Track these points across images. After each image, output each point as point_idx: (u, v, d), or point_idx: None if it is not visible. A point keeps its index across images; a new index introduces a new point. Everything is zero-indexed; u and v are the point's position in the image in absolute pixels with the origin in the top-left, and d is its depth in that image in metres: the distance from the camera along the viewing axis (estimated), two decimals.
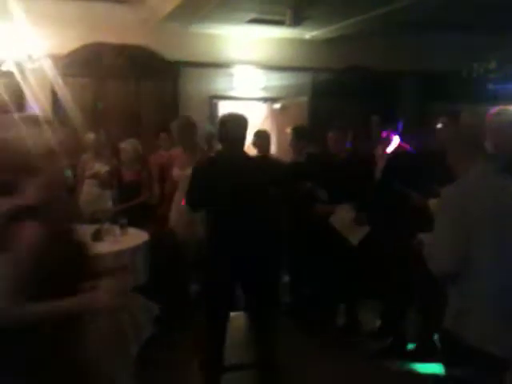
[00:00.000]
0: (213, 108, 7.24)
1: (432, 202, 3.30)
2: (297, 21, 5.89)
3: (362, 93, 7.13)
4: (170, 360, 3.83)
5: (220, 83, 7.13)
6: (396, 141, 4.13)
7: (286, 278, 5.03)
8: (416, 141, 4.18)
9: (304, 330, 4.51)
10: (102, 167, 5.58)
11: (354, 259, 4.26)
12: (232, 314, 3.51)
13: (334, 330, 4.54)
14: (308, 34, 7.01)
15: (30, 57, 5.39)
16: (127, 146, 5.42)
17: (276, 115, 7.55)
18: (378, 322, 4.46)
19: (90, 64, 6.47)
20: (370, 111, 4.27)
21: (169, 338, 4.06)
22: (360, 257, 4.23)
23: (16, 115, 1.80)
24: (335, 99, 7.15)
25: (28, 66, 5.55)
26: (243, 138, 3.42)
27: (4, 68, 5.42)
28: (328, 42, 7.16)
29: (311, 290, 4.78)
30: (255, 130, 5.36)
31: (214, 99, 7.22)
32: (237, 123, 3.40)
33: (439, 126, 3.90)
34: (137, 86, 6.75)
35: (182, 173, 4.56)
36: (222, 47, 7.04)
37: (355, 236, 4.21)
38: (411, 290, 4.01)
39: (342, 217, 4.24)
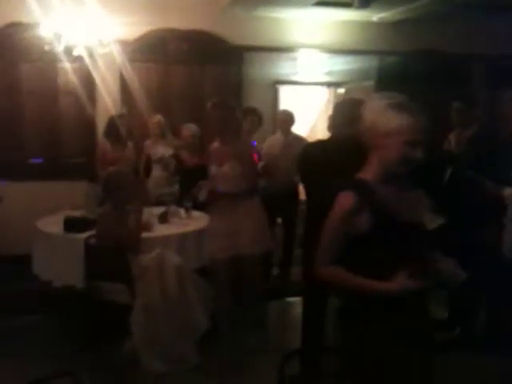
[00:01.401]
0: (276, 93, 7.21)
1: (507, 191, 3.17)
2: (365, 3, 5.74)
3: (429, 77, 6.92)
4: None
5: (284, 68, 7.05)
6: (473, 127, 4.02)
7: None
8: (488, 127, 4.05)
9: None
10: (166, 151, 5.69)
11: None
12: None
13: None
14: (376, 16, 6.83)
15: (100, 42, 5.52)
16: (184, 130, 5.53)
17: None
18: (446, 313, 4.35)
19: (157, 49, 6.56)
20: (443, 96, 4.16)
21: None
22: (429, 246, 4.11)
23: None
24: (401, 83, 6.94)
25: (98, 51, 5.69)
26: (343, 123, 3.11)
27: (75, 53, 5.57)
28: (396, 24, 6.94)
29: None
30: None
31: (277, 84, 7.17)
32: (340, 108, 3.30)
33: None
34: (201, 71, 6.78)
35: (219, 169, 3.84)
36: (286, 31, 6.95)
37: (431, 223, 4.08)
38: (481, 282, 3.88)
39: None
